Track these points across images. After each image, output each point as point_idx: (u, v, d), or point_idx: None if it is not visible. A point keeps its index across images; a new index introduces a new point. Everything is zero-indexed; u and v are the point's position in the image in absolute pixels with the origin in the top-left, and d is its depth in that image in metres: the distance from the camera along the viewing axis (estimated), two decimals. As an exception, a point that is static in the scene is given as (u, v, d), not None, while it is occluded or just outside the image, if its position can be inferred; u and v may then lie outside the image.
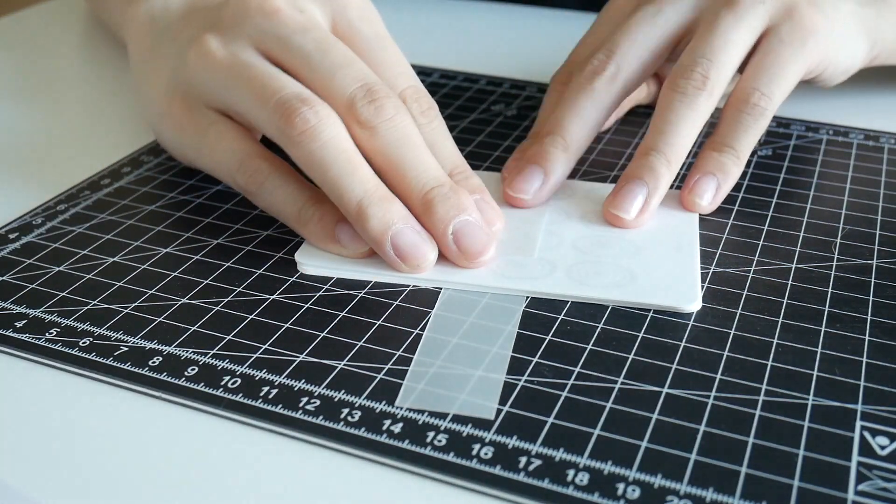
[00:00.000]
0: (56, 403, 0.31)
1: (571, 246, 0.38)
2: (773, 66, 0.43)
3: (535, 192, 0.41)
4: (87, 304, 0.35)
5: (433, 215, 0.36)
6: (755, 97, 0.42)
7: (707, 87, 0.41)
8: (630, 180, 0.40)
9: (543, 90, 0.55)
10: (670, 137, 0.41)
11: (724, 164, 0.41)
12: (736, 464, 0.28)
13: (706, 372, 0.31)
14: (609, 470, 0.28)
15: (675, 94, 0.41)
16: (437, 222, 0.36)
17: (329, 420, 0.30)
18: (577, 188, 0.43)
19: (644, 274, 0.36)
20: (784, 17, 0.43)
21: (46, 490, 0.27)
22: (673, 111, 0.41)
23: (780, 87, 0.42)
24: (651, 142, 0.41)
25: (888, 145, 0.48)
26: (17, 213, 0.42)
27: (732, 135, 0.42)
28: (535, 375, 0.31)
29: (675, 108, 0.41)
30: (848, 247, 0.39)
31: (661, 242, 0.39)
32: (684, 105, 0.41)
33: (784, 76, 0.43)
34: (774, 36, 0.43)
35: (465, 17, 0.69)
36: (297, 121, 0.36)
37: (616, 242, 0.39)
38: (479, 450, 0.28)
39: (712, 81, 0.41)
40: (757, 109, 0.42)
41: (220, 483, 0.28)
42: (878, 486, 0.27)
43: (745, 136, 0.42)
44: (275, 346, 0.33)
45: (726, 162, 0.41)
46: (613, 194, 0.40)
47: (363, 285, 0.36)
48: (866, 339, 0.33)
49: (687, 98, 0.41)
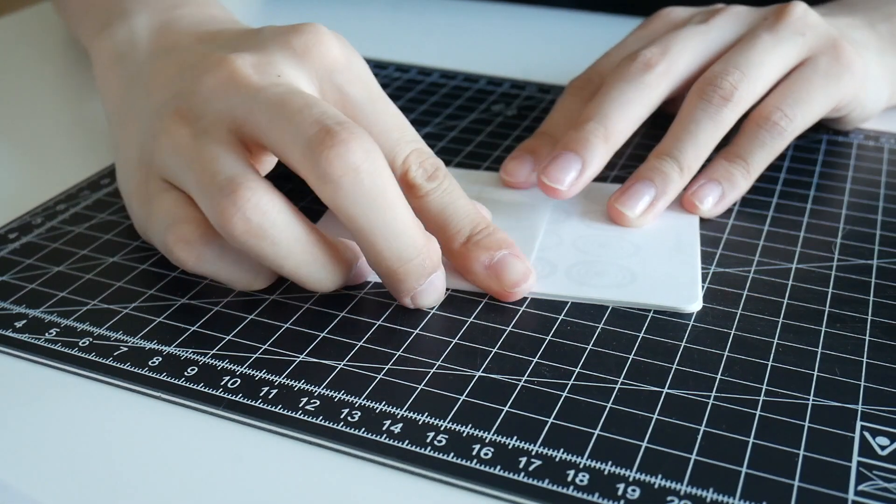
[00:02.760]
0: (56, 403, 0.31)
1: (572, 245, 0.38)
2: (803, 90, 0.42)
3: (570, 183, 0.40)
4: (87, 304, 0.35)
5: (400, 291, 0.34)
6: (777, 116, 0.42)
7: (734, 98, 0.41)
8: (639, 180, 0.40)
9: (543, 90, 0.55)
10: (687, 145, 0.41)
11: (732, 174, 0.41)
12: (736, 464, 0.28)
13: (706, 372, 0.31)
14: (609, 470, 0.28)
15: (699, 102, 0.41)
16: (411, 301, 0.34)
17: (329, 420, 0.30)
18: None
19: (644, 274, 0.36)
20: (824, 50, 0.43)
21: (46, 490, 0.27)
22: (695, 120, 0.41)
23: (803, 113, 0.42)
24: (667, 146, 0.41)
25: (888, 145, 0.48)
26: (17, 213, 0.42)
27: (747, 148, 0.42)
28: (535, 375, 0.31)
29: (698, 118, 0.41)
30: (848, 247, 0.39)
31: (661, 243, 0.39)
32: (707, 115, 0.41)
33: (811, 103, 0.42)
34: (811, 65, 0.43)
35: (465, 17, 0.69)
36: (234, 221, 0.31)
37: (616, 243, 0.39)
38: (479, 450, 0.28)
39: (739, 94, 0.41)
40: (777, 128, 0.41)
41: (220, 483, 0.28)
42: (878, 487, 0.27)
43: (761, 151, 0.42)
44: (275, 346, 0.33)
45: (735, 173, 0.41)
46: (621, 191, 0.40)
47: (363, 285, 0.36)
48: (866, 339, 0.33)
49: (712, 107, 0.41)
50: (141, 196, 0.37)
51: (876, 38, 0.48)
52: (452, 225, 0.35)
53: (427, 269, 0.33)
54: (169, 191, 0.35)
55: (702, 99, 0.41)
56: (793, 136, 0.42)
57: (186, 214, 0.34)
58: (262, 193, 0.31)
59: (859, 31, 0.47)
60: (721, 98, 0.41)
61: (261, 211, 0.31)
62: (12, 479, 0.28)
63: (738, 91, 0.41)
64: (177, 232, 0.33)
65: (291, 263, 0.33)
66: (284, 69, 0.35)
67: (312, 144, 0.31)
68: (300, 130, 0.31)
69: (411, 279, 0.33)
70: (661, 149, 0.41)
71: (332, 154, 0.31)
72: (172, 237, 0.33)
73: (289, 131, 0.32)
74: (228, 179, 0.31)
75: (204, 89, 0.35)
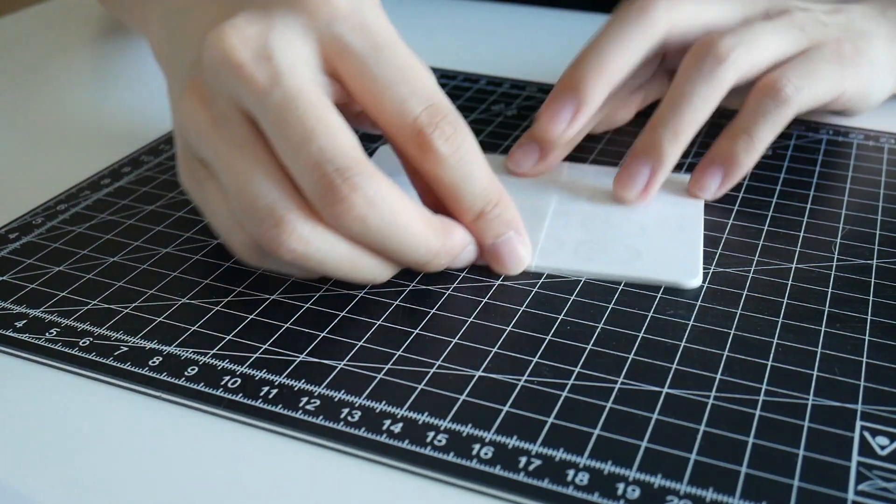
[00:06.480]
0: (56, 403, 0.31)
1: (579, 225, 0.39)
2: (810, 65, 0.42)
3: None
4: (87, 304, 0.35)
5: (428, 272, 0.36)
6: (782, 82, 0.41)
7: (729, 59, 0.40)
8: (636, 157, 0.41)
9: (544, 90, 0.55)
10: (681, 108, 0.41)
11: (734, 153, 0.41)
12: (736, 464, 0.28)
13: (706, 372, 0.31)
14: (609, 470, 0.28)
15: (693, 64, 0.41)
16: None
17: (329, 420, 0.30)
18: (587, 171, 0.44)
19: (648, 252, 0.37)
20: (827, 43, 0.44)
21: (46, 490, 0.27)
22: (689, 81, 0.41)
23: (810, 86, 0.42)
24: (661, 112, 0.41)
25: (888, 145, 0.48)
26: (17, 213, 0.42)
27: (751, 119, 0.41)
28: (535, 375, 0.31)
29: (692, 78, 0.41)
30: (848, 247, 0.39)
31: (665, 222, 0.40)
32: (701, 76, 0.41)
33: (818, 79, 0.42)
34: (817, 51, 0.43)
35: (465, 17, 0.69)
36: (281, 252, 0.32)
37: (622, 223, 0.40)
38: (479, 450, 0.28)
39: (734, 56, 0.41)
40: (781, 95, 0.41)
41: (220, 483, 0.28)
42: (878, 486, 0.27)
43: (764, 122, 0.41)
44: (275, 346, 0.33)
45: (738, 151, 0.41)
46: (620, 172, 0.41)
47: (363, 285, 0.36)
48: (866, 339, 0.33)
49: (705, 67, 0.40)
50: (186, 171, 0.37)
51: (886, 26, 0.48)
52: (465, 199, 0.35)
53: (445, 262, 0.35)
54: (211, 179, 0.35)
55: (695, 60, 0.41)
56: (798, 108, 0.42)
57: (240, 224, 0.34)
58: (302, 223, 0.32)
59: (869, 20, 0.47)
60: (714, 58, 0.41)
61: (304, 241, 0.32)
62: (12, 479, 0.28)
63: (733, 53, 0.41)
64: (238, 237, 0.34)
65: (341, 274, 0.34)
66: (282, 37, 0.33)
67: (317, 195, 0.32)
68: (304, 170, 0.32)
69: (434, 269, 0.35)
70: (655, 117, 0.41)
71: (337, 212, 0.31)
72: (236, 241, 0.34)
73: (294, 160, 0.32)
74: (269, 210, 0.32)
75: (207, 66, 0.34)
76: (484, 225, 0.36)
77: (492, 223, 0.36)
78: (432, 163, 0.34)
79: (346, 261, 0.33)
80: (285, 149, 0.32)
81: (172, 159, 0.46)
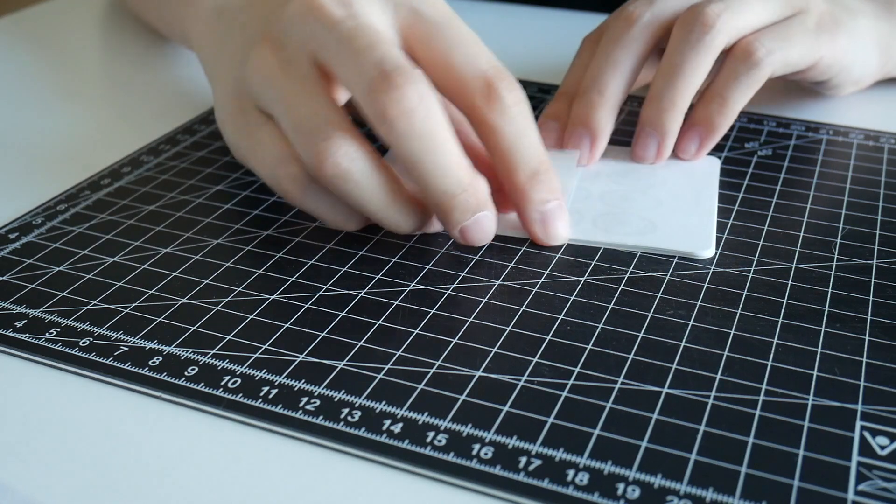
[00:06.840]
0: (56, 403, 0.31)
1: (599, 199, 0.42)
2: (785, 31, 0.43)
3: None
4: (87, 304, 0.35)
5: (449, 223, 0.36)
6: (753, 46, 0.42)
7: (716, 26, 0.42)
8: (642, 132, 0.44)
9: (544, 90, 0.55)
10: (675, 79, 0.42)
11: (708, 116, 0.43)
12: (736, 464, 0.28)
13: (706, 372, 0.31)
14: (609, 470, 0.28)
15: (682, 33, 0.42)
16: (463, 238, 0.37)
17: (329, 420, 0.30)
18: (607, 151, 0.46)
19: (663, 224, 0.40)
20: (811, 11, 0.45)
21: (47, 490, 0.27)
22: (679, 52, 0.42)
23: (782, 49, 0.43)
24: (656, 86, 0.43)
25: (888, 145, 0.48)
26: (17, 213, 0.42)
27: (723, 83, 0.43)
28: (535, 375, 0.31)
29: (681, 49, 0.42)
30: (848, 247, 0.39)
31: (681, 197, 0.42)
32: (689, 45, 0.42)
33: (791, 42, 0.43)
34: (796, 18, 0.44)
35: (464, 17, 0.69)
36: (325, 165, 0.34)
37: (640, 197, 0.42)
38: (479, 450, 0.28)
39: (722, 21, 0.42)
40: (752, 59, 0.42)
41: (220, 483, 0.28)
42: (878, 486, 0.27)
43: (735, 85, 0.43)
44: (275, 346, 0.33)
45: (712, 114, 0.43)
46: (633, 148, 0.45)
47: (363, 285, 0.36)
48: (866, 339, 0.33)
49: (693, 36, 0.42)
50: (238, 126, 0.39)
51: (871, 4, 0.48)
52: (523, 155, 0.37)
53: (472, 206, 0.35)
54: (267, 123, 0.37)
55: (684, 29, 0.42)
56: (771, 71, 0.43)
57: (292, 153, 0.36)
58: (350, 141, 0.34)
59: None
60: (702, 25, 0.42)
61: (350, 158, 0.34)
62: (12, 479, 0.28)
63: (719, 20, 0.42)
64: (286, 168, 0.36)
65: (374, 206, 0.36)
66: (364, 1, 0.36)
67: (371, 86, 0.33)
68: (363, 71, 0.34)
69: (457, 212, 0.35)
70: (652, 90, 0.43)
71: (387, 98, 0.33)
72: (282, 172, 0.36)
73: (353, 70, 0.34)
74: (320, 126, 0.34)
75: (286, 16, 0.37)
76: (536, 186, 0.37)
77: (543, 185, 0.37)
78: (497, 111, 0.36)
79: (380, 192, 0.35)
80: (346, 60, 0.34)
81: (173, 159, 0.46)
